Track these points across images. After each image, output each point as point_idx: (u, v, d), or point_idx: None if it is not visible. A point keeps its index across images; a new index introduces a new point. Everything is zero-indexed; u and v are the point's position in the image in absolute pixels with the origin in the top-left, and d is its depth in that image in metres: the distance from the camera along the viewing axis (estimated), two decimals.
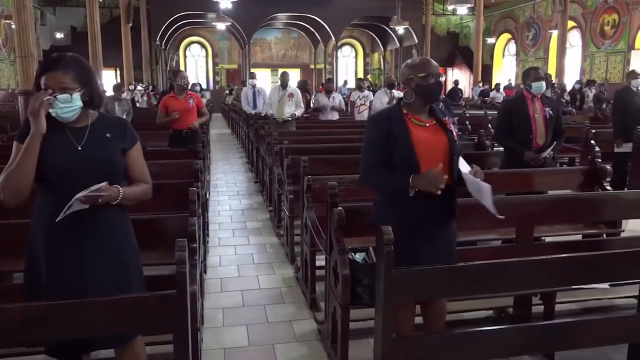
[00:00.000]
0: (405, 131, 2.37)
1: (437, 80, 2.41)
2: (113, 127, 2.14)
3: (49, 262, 2.01)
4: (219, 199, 7.04)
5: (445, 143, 2.40)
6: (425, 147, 2.35)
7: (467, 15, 23.40)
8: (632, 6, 16.00)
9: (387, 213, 2.44)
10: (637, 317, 2.37)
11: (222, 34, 25.72)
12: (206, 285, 3.99)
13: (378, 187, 2.51)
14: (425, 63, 2.46)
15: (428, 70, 2.39)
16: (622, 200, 3.65)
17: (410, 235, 2.35)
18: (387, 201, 2.48)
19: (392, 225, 2.22)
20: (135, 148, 2.19)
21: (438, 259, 2.32)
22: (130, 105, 8.45)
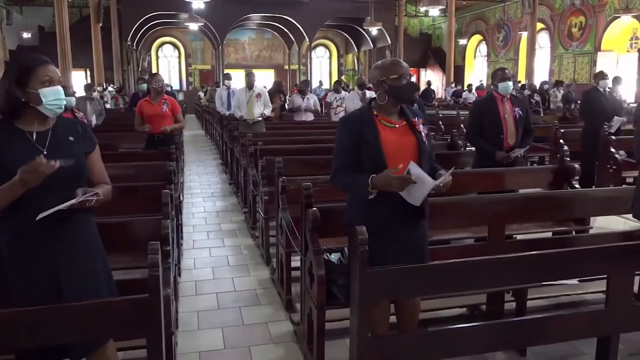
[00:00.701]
0: (374, 133, 2.38)
1: (409, 81, 2.43)
2: (74, 130, 2.11)
3: (18, 267, 1.96)
4: (193, 201, 6.97)
5: (414, 144, 2.41)
6: (393, 148, 2.37)
7: (439, 17, 23.69)
8: (597, 9, 16.44)
9: (357, 214, 2.46)
10: (605, 311, 2.43)
11: (195, 35, 25.48)
12: (181, 288, 3.95)
13: (345, 188, 2.52)
14: (396, 64, 2.46)
15: (400, 72, 2.40)
16: (590, 198, 3.74)
17: (379, 236, 2.36)
18: (357, 202, 2.49)
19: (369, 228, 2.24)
20: (96, 150, 2.19)
21: (408, 259, 2.33)
22: (102, 105, 8.26)
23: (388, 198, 2.33)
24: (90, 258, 2.09)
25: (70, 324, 1.86)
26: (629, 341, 2.83)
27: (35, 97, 1.96)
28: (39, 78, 1.97)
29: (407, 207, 2.38)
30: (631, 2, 14.66)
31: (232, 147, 7.82)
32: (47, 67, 2.00)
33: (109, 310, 1.91)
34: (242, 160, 6.36)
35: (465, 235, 3.88)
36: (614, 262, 2.39)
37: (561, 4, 18.04)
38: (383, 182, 2.26)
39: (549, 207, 3.60)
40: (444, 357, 2.42)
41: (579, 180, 6.38)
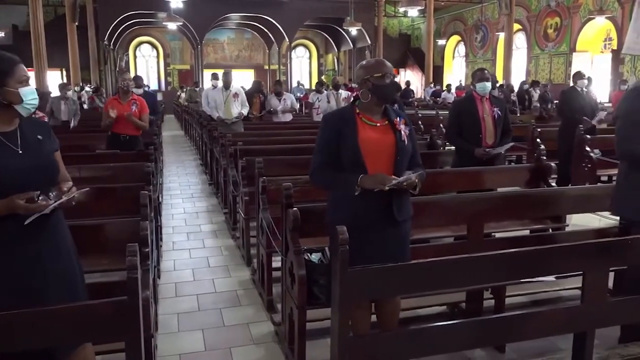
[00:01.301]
0: (353, 130, 2.41)
1: (392, 80, 2.45)
2: (41, 130, 2.11)
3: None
4: (173, 202, 6.91)
5: (392, 143, 2.44)
6: (371, 147, 2.39)
7: (418, 17, 23.89)
8: (572, 10, 16.75)
9: (339, 213, 2.48)
10: (580, 307, 2.47)
11: (174, 34, 25.25)
12: (160, 291, 3.91)
13: (326, 185, 2.55)
14: (381, 63, 2.50)
15: (384, 71, 2.44)
16: (566, 196, 3.80)
17: (362, 235, 2.38)
18: (338, 201, 2.51)
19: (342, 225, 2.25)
20: (59, 149, 2.18)
21: (390, 257, 2.34)
22: (77, 105, 8.10)
23: (371, 197, 2.35)
24: (69, 260, 2.08)
25: (47, 328, 1.83)
26: (604, 336, 2.88)
27: (16, 96, 1.95)
28: (18, 77, 1.96)
29: (390, 206, 2.41)
30: (605, 4, 14.97)
31: (211, 147, 7.77)
32: (22, 67, 2.00)
33: (87, 314, 1.88)
34: (222, 160, 6.33)
35: (445, 234, 3.91)
36: (589, 258, 2.43)
37: (537, 5, 18.33)
38: (372, 183, 2.30)
39: (526, 205, 3.66)
40: (425, 355, 2.44)
41: (557, 179, 6.52)
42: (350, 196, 2.39)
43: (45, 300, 1.95)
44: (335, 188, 2.50)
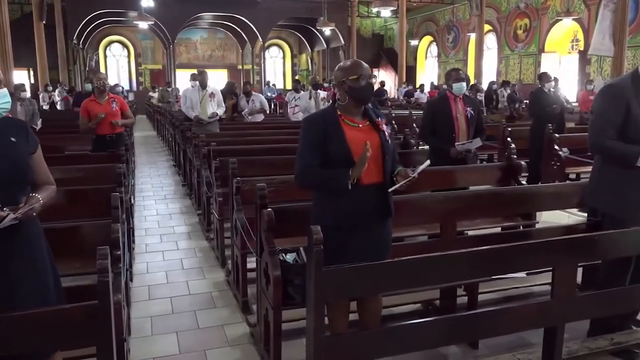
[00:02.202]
0: (340, 132, 2.43)
1: (368, 82, 2.47)
2: (16, 131, 2.04)
3: None
4: (145, 204, 6.81)
5: (378, 143, 2.47)
6: (359, 146, 2.40)
7: (391, 18, 24.07)
8: (541, 12, 17.11)
9: (324, 213, 2.49)
10: (550, 302, 2.53)
11: (145, 34, 24.89)
12: (133, 294, 3.85)
13: (315, 186, 2.54)
14: (356, 65, 2.51)
15: (359, 72, 2.45)
16: (536, 194, 3.89)
17: (347, 234, 2.42)
18: (324, 201, 2.52)
19: (330, 224, 2.30)
20: (38, 150, 2.13)
21: (376, 256, 2.37)
22: (35, 106, 7.84)
23: (358, 196, 2.39)
24: (41, 264, 2.03)
25: (13, 334, 1.78)
26: (574, 330, 2.95)
27: None
28: None
29: (374, 204, 2.45)
30: (572, 6, 15.33)
31: (185, 148, 7.68)
32: None
33: (57, 319, 1.84)
34: (195, 161, 6.27)
35: (419, 233, 3.95)
36: (558, 255, 2.49)
37: (507, 6, 18.66)
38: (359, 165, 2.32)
39: (498, 203, 3.72)
40: (400, 353, 2.46)
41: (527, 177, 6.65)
42: (338, 196, 2.40)
43: (13, 305, 1.90)
44: (326, 186, 2.48)
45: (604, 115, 2.85)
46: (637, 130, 2.73)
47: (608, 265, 2.93)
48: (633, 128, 2.74)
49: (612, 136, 2.79)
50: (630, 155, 2.73)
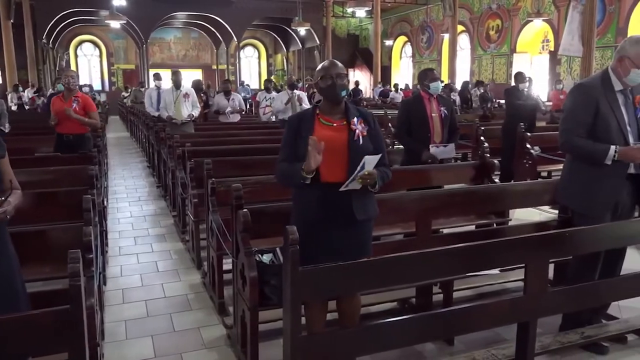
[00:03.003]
0: (309, 129, 2.48)
1: (333, 81, 2.48)
2: None
3: None
4: (119, 206, 6.71)
5: (345, 141, 2.48)
6: (324, 145, 2.40)
7: (366, 18, 24.18)
8: (512, 13, 17.41)
9: (297, 210, 2.56)
10: (523, 298, 2.58)
11: (117, 33, 24.48)
12: (106, 298, 3.78)
13: (283, 180, 2.61)
14: (325, 66, 2.56)
15: (324, 73, 2.51)
16: (509, 192, 3.95)
17: (321, 233, 2.45)
18: (296, 199, 2.58)
19: (302, 222, 2.32)
20: (6, 155, 2.11)
21: (350, 256, 2.38)
22: (4, 107, 7.63)
23: (331, 196, 2.43)
24: (9, 269, 1.98)
25: None
26: (547, 324, 3.01)
27: None
28: None
29: (350, 205, 2.47)
30: (542, 7, 15.63)
31: (159, 149, 7.59)
32: None
33: (28, 325, 1.80)
34: (169, 162, 6.20)
35: (395, 232, 3.98)
36: (531, 251, 2.53)
37: (479, 7, 18.94)
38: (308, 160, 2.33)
39: (472, 201, 3.77)
40: (377, 351, 2.48)
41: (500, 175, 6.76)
42: (310, 194, 2.46)
43: None
44: (290, 180, 2.54)
45: (573, 114, 2.92)
46: (606, 129, 2.80)
47: (578, 261, 3.00)
48: (602, 127, 2.81)
49: (582, 135, 2.85)
50: (598, 154, 2.79)
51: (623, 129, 2.81)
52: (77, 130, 5.49)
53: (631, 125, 2.83)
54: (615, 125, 2.80)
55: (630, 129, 2.83)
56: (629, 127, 2.83)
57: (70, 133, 5.45)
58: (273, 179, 3.82)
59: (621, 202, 2.87)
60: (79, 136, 5.51)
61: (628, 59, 2.74)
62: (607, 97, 2.81)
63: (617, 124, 2.80)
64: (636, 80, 2.77)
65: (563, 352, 2.91)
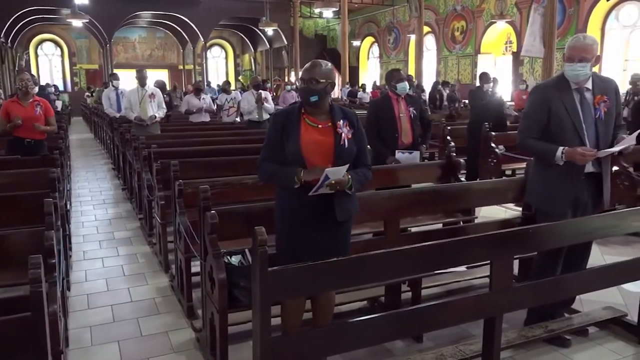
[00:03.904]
0: (296, 130, 2.50)
1: (305, 85, 2.52)
2: None
3: None
4: (83, 209, 6.55)
5: (331, 145, 2.51)
6: (311, 147, 2.48)
7: (333, 19, 24.25)
8: (476, 14, 17.75)
9: (279, 208, 2.59)
10: (489, 294, 2.62)
11: (80, 32, 23.89)
12: (70, 303, 3.69)
13: (269, 179, 2.62)
14: (306, 67, 2.57)
15: (302, 75, 2.56)
16: (474, 190, 4.02)
17: (302, 232, 2.50)
18: (279, 197, 2.60)
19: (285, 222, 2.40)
20: None
21: (330, 254, 2.39)
22: None
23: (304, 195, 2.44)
24: None
25: None
26: (511, 320, 3.08)
27: None
28: None
29: (332, 206, 2.50)
30: (505, 9, 15.98)
31: (124, 150, 7.44)
32: None
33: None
34: (135, 164, 6.08)
35: (364, 231, 4.00)
36: (496, 248, 2.58)
37: (444, 9, 19.23)
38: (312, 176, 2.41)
39: (438, 200, 3.82)
40: (348, 350, 2.49)
41: (466, 174, 6.88)
42: (292, 193, 2.48)
43: None
44: (277, 181, 2.58)
45: (528, 115, 3.01)
46: (560, 129, 2.86)
47: (541, 257, 3.07)
48: (556, 128, 2.87)
49: (535, 135, 2.92)
50: (548, 154, 2.87)
51: (578, 129, 2.83)
52: (39, 136, 5.40)
53: (587, 124, 2.85)
54: (569, 125, 2.84)
55: (586, 128, 2.85)
56: (585, 126, 2.85)
57: (32, 138, 5.32)
58: (242, 179, 3.86)
59: (582, 200, 2.94)
60: (39, 142, 5.41)
61: (564, 55, 2.85)
62: (562, 97, 2.86)
63: (572, 124, 2.83)
64: (571, 75, 2.83)
65: (528, 346, 2.99)
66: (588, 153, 2.76)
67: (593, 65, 2.86)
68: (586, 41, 2.82)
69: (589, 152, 2.77)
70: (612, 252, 4.46)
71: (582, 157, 2.77)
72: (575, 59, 2.79)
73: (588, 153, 2.76)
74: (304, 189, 2.45)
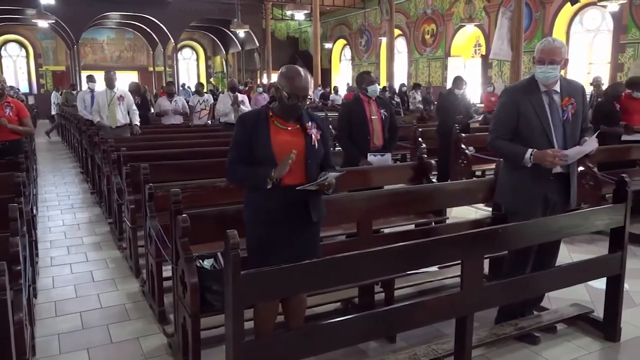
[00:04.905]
0: (266, 132, 2.49)
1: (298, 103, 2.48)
2: None
3: None
4: (50, 214, 6.39)
5: (303, 146, 2.52)
6: (283, 149, 2.46)
7: (305, 21, 24.28)
8: (446, 18, 18.02)
9: (250, 211, 2.56)
10: (460, 294, 2.66)
11: (46, 33, 23.36)
12: (37, 311, 3.59)
13: (239, 181, 2.62)
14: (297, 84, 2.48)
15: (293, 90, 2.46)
16: (445, 191, 4.07)
17: (269, 233, 2.48)
18: (250, 199, 2.58)
19: (255, 222, 2.34)
20: None
21: (302, 255, 2.39)
22: None
23: (288, 196, 2.46)
24: None
25: None
26: (482, 318, 3.12)
27: None
28: None
29: (307, 206, 2.52)
30: (474, 13, 16.26)
31: (92, 154, 7.29)
32: None
33: None
34: (104, 167, 5.97)
35: (337, 233, 4.01)
36: (467, 248, 2.62)
37: (415, 12, 19.47)
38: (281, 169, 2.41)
39: (411, 201, 3.86)
40: (322, 352, 2.48)
41: (437, 175, 6.96)
42: (269, 194, 2.46)
43: None
44: (248, 182, 2.57)
45: (498, 117, 3.06)
46: (528, 131, 2.91)
47: (511, 256, 3.13)
48: (525, 129, 2.93)
49: (504, 136, 2.97)
50: (516, 155, 2.92)
51: (547, 131, 2.89)
52: (12, 137, 5.22)
53: (556, 126, 2.91)
54: (538, 127, 2.88)
55: (554, 130, 2.90)
56: (553, 128, 2.90)
57: (5, 140, 5.15)
58: (215, 182, 3.82)
59: (551, 200, 3.00)
60: (15, 142, 5.24)
61: (534, 58, 2.91)
62: (531, 99, 2.91)
63: (541, 126, 2.88)
64: (541, 77, 2.89)
65: (499, 344, 3.04)
66: (559, 155, 2.81)
67: (562, 68, 2.93)
68: (555, 44, 2.88)
69: (560, 154, 2.82)
70: (579, 250, 4.57)
71: (552, 159, 2.81)
72: (545, 61, 2.85)
73: (559, 155, 2.81)
74: (278, 189, 2.45)
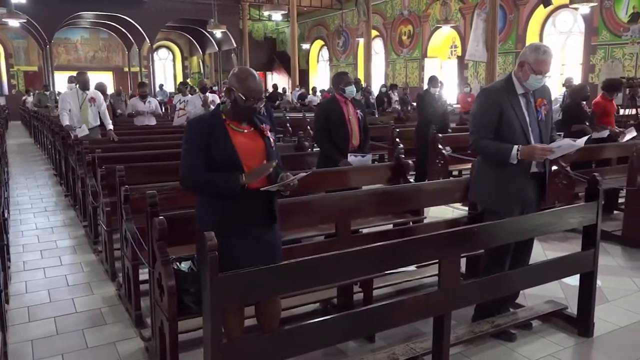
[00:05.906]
0: (226, 137, 2.42)
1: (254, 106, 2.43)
2: None
3: None
4: (22, 218, 6.25)
5: (263, 148, 2.50)
6: (245, 152, 2.43)
7: (282, 22, 24.25)
8: (423, 19, 18.19)
9: (209, 217, 2.46)
10: (438, 292, 2.68)
11: (17, 32, 22.88)
12: (9, 317, 3.51)
13: (201, 188, 2.49)
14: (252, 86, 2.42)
15: (249, 93, 2.39)
16: (423, 191, 4.10)
17: (233, 238, 2.40)
18: (209, 206, 2.49)
19: (215, 229, 2.21)
20: None
21: (262, 259, 2.35)
22: None
23: (248, 200, 2.41)
24: None
25: None
26: (460, 316, 3.16)
27: None
28: None
29: (268, 208, 2.48)
30: (450, 14, 16.46)
31: (66, 156, 7.15)
32: None
33: None
34: (78, 169, 5.86)
35: (315, 233, 4.00)
36: (444, 247, 2.64)
37: (392, 13, 19.60)
38: (257, 175, 2.39)
39: (388, 201, 3.87)
40: (302, 353, 2.47)
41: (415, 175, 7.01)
42: (222, 200, 2.40)
43: None
44: (214, 189, 2.44)
45: (479, 117, 3.10)
46: (510, 130, 2.98)
47: (488, 254, 3.17)
48: (507, 128, 2.98)
49: (487, 136, 3.02)
50: (502, 153, 2.97)
51: (525, 130, 2.98)
52: None
53: (532, 126, 3.01)
54: (518, 127, 2.97)
55: (531, 130, 3.01)
56: (530, 128, 3.01)
57: None
58: None
59: (527, 199, 3.07)
60: None
61: (528, 65, 2.94)
62: (510, 100, 2.98)
63: (520, 125, 2.98)
64: (534, 85, 2.97)
65: (476, 342, 3.07)
66: (547, 149, 2.90)
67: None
68: (550, 55, 2.95)
69: (548, 148, 2.91)
70: (553, 248, 4.66)
71: (541, 153, 2.89)
72: (544, 73, 2.92)
73: (547, 149, 2.90)
74: (244, 192, 2.39)
